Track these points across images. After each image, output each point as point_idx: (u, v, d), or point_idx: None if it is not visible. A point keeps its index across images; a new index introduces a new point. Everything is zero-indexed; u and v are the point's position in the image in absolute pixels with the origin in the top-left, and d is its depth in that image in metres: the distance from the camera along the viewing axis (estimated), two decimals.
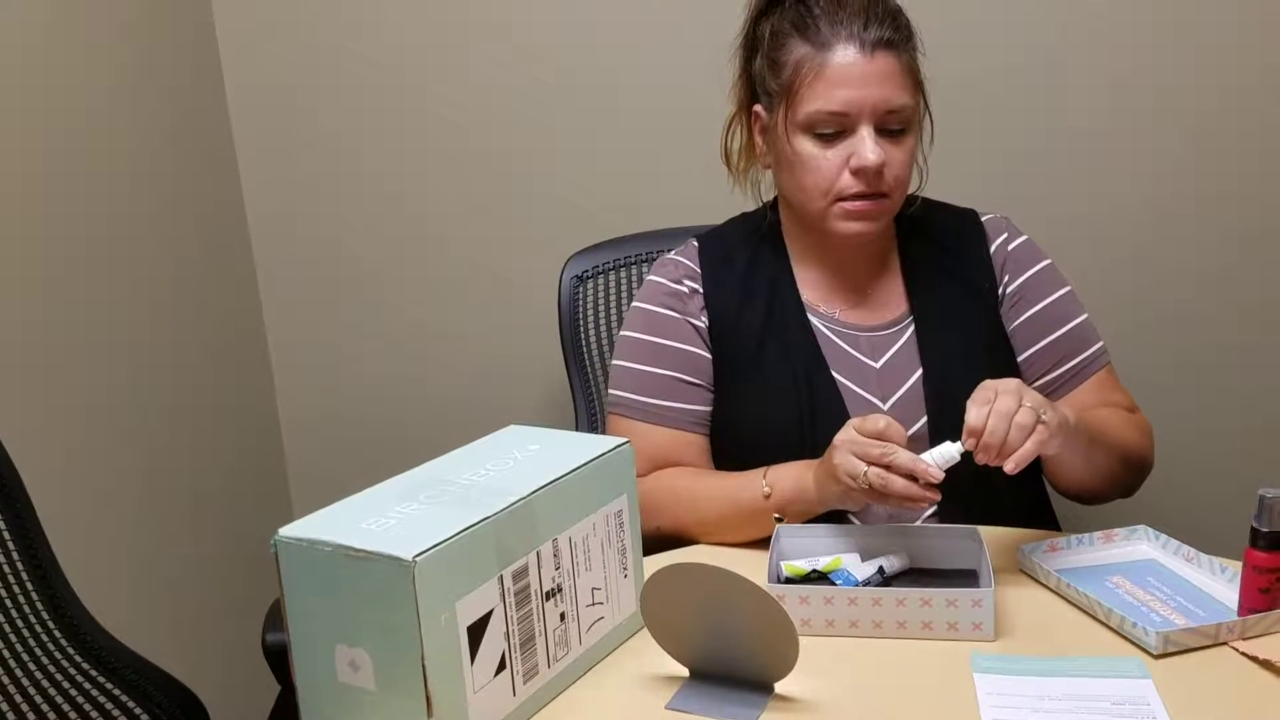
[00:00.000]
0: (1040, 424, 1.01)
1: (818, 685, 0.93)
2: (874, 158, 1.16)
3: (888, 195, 1.20)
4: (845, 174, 1.18)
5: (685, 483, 1.25)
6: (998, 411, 1.01)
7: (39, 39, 1.46)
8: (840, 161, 1.18)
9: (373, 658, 0.82)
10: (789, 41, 1.20)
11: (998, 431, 1.01)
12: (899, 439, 1.05)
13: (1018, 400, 1.01)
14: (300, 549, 0.83)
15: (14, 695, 0.99)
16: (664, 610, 0.93)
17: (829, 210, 1.21)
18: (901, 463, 1.04)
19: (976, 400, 1.03)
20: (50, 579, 1.03)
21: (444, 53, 1.83)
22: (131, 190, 1.64)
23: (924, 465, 1.04)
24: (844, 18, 1.17)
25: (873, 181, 1.18)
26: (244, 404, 1.94)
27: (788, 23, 1.21)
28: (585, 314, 1.61)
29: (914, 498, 1.04)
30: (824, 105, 1.17)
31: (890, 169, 1.18)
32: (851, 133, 1.18)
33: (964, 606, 0.98)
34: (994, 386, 1.03)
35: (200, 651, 1.75)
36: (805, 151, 1.19)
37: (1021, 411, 1.01)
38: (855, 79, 1.16)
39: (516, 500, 0.89)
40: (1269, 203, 1.73)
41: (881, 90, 1.16)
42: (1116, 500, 1.27)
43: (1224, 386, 1.80)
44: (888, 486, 1.04)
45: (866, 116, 1.17)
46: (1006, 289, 1.30)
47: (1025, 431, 1.01)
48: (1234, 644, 0.96)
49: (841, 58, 1.16)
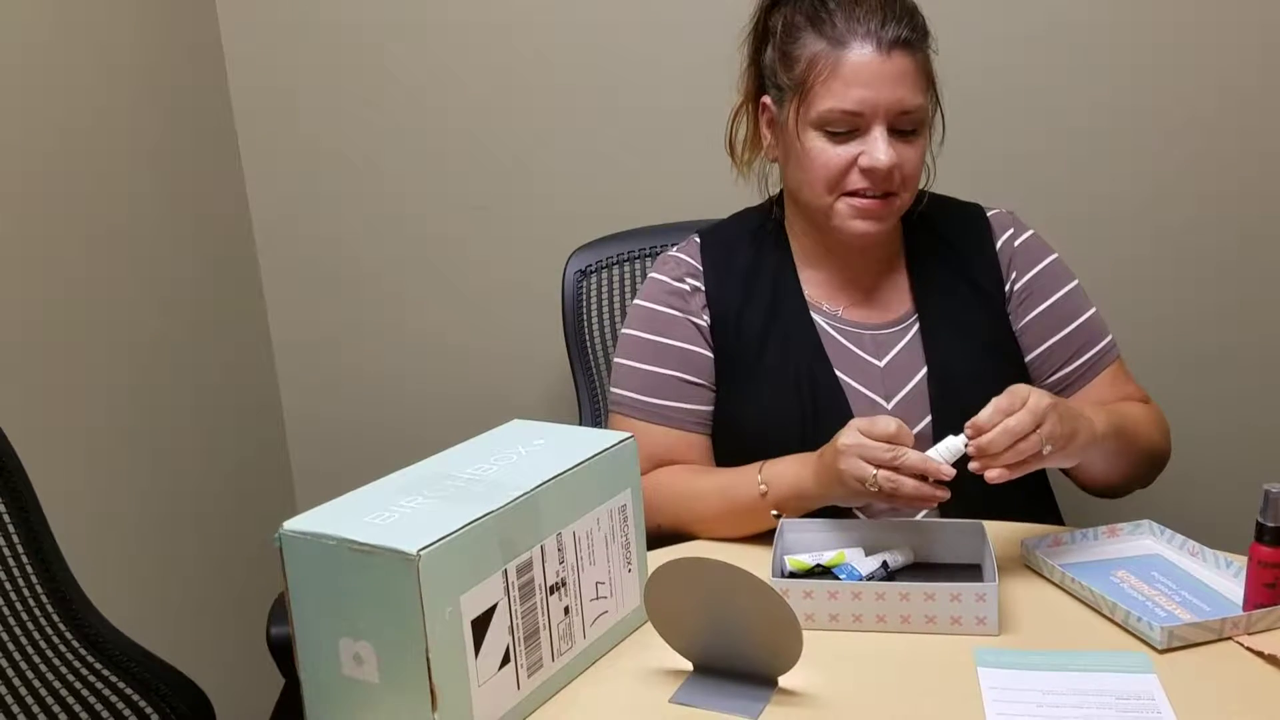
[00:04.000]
0: (1038, 456, 1.02)
1: (821, 679, 0.93)
2: (886, 159, 1.15)
3: (896, 195, 1.19)
4: (855, 171, 1.17)
5: (683, 480, 1.24)
6: (1007, 427, 1.00)
7: (43, 41, 1.46)
8: (850, 159, 1.17)
9: (377, 651, 0.83)
10: (803, 35, 1.18)
11: (996, 444, 1.01)
12: (909, 442, 1.04)
13: (1032, 426, 1.01)
14: (305, 543, 0.84)
15: (20, 689, 0.99)
16: (668, 604, 0.93)
17: (835, 206, 1.20)
18: (911, 463, 1.03)
19: (1000, 403, 1.02)
20: (56, 574, 1.03)
21: (446, 50, 1.83)
22: (136, 192, 1.64)
23: (935, 463, 1.03)
24: (861, 14, 1.15)
25: (882, 182, 1.17)
26: (249, 401, 1.94)
27: (802, 15, 1.19)
28: (589, 309, 1.61)
29: (925, 498, 1.04)
30: (838, 104, 1.15)
31: (900, 169, 1.17)
32: (863, 131, 1.16)
33: (968, 601, 0.98)
34: (1022, 399, 1.02)
35: (205, 645, 1.75)
36: (815, 148, 1.18)
37: (1029, 439, 1.01)
38: (871, 78, 1.14)
39: (520, 495, 0.89)
40: (1274, 201, 1.72)
41: (896, 90, 1.15)
42: (1129, 492, 1.27)
43: (1229, 382, 1.79)
44: (899, 489, 1.03)
45: (880, 116, 1.15)
46: (1014, 286, 1.29)
47: (1019, 456, 1.01)
48: (1239, 639, 0.95)
49: (858, 56, 1.14)
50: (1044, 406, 1.02)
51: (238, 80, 1.89)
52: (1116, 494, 1.25)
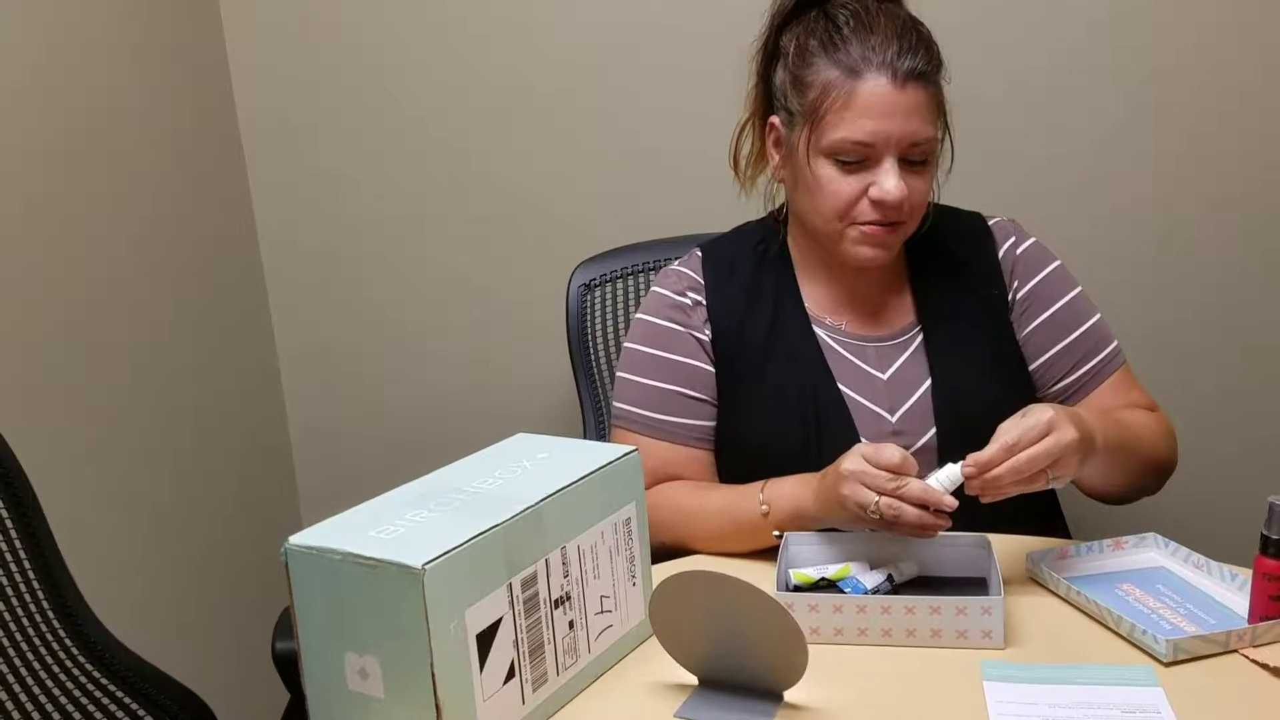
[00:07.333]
0: (1034, 485, 1.02)
1: (827, 693, 0.93)
2: (896, 192, 1.14)
3: (904, 222, 1.19)
4: (864, 202, 1.17)
5: (685, 497, 1.24)
6: (1013, 465, 1.00)
7: (47, 54, 1.47)
8: (860, 189, 1.17)
9: (382, 665, 0.83)
10: (816, 61, 1.17)
11: (1000, 482, 1.01)
12: (912, 473, 1.04)
13: (1043, 463, 1.00)
14: (310, 557, 0.84)
15: (25, 704, 0.99)
16: (673, 618, 0.93)
17: (844, 233, 1.20)
18: (913, 493, 1.03)
19: (1005, 437, 1.01)
20: (61, 587, 1.03)
21: (452, 65, 1.84)
22: (142, 202, 1.65)
23: (937, 494, 1.02)
24: (876, 42, 1.14)
25: (891, 212, 1.17)
26: (255, 415, 1.95)
27: (815, 40, 1.18)
28: (593, 322, 1.61)
29: (927, 527, 1.03)
30: (849, 134, 1.14)
31: (909, 199, 1.17)
32: (874, 162, 1.16)
33: (973, 614, 0.98)
34: (1035, 432, 1.01)
35: (210, 659, 1.75)
36: (825, 176, 1.18)
37: (1034, 478, 1.01)
38: (884, 110, 1.13)
39: (525, 508, 0.89)
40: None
41: (909, 123, 1.14)
42: (1136, 500, 1.26)
43: (1234, 393, 1.79)
44: (900, 517, 1.03)
45: (892, 148, 1.15)
46: (1016, 294, 1.29)
47: (1019, 487, 1.02)
48: (1244, 651, 0.95)
49: (872, 87, 1.13)
50: (1048, 445, 1.00)
51: (243, 94, 1.90)
52: (1121, 501, 1.24)
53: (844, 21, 1.17)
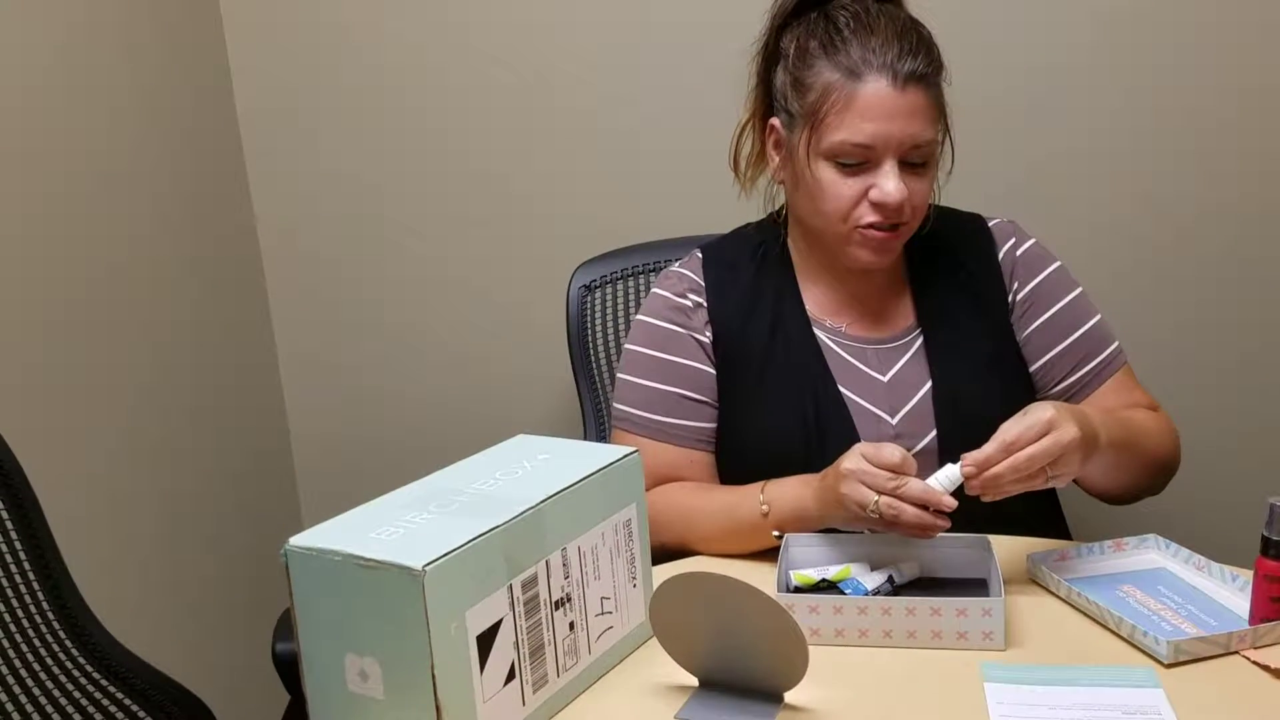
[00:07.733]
0: (1036, 483, 1.02)
1: (827, 695, 0.93)
2: (897, 195, 1.14)
3: (905, 224, 1.19)
4: (865, 204, 1.17)
5: (686, 499, 1.24)
6: (1013, 464, 1.00)
7: (49, 57, 1.47)
8: (860, 191, 1.17)
9: (382, 667, 0.83)
10: (816, 63, 1.17)
11: (1000, 480, 1.01)
12: (912, 473, 1.04)
13: (1043, 461, 1.00)
14: (310, 558, 0.84)
15: (25, 704, 0.99)
16: (673, 619, 0.93)
17: (844, 235, 1.20)
18: (913, 493, 1.03)
19: (1004, 435, 1.01)
20: (61, 588, 1.03)
21: (452, 67, 1.84)
22: (142, 205, 1.65)
23: (936, 494, 1.02)
24: (876, 44, 1.14)
25: (892, 214, 1.17)
26: (254, 416, 1.95)
27: (815, 41, 1.18)
28: (593, 323, 1.61)
29: (926, 527, 1.03)
30: (850, 137, 1.14)
31: (910, 200, 1.17)
32: (874, 164, 1.16)
33: (974, 616, 0.98)
34: (1034, 430, 1.01)
35: (210, 660, 1.75)
36: (825, 178, 1.18)
37: (1035, 476, 1.01)
38: (884, 112, 1.13)
39: (526, 509, 0.89)
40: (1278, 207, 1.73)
41: (909, 126, 1.14)
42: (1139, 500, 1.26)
43: (1234, 394, 1.79)
44: (900, 517, 1.03)
45: (892, 150, 1.14)
46: (1016, 296, 1.29)
47: (1020, 485, 1.02)
48: (1245, 653, 0.95)
49: (873, 89, 1.13)
50: (1047, 444, 1.00)
51: (243, 94, 1.90)
52: (1125, 501, 1.24)
53: (844, 23, 1.17)
